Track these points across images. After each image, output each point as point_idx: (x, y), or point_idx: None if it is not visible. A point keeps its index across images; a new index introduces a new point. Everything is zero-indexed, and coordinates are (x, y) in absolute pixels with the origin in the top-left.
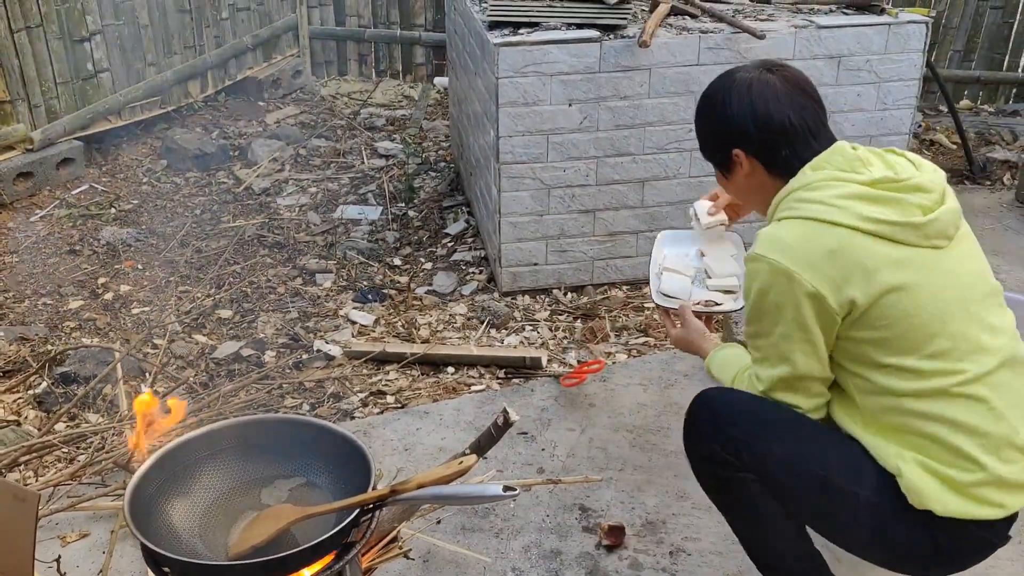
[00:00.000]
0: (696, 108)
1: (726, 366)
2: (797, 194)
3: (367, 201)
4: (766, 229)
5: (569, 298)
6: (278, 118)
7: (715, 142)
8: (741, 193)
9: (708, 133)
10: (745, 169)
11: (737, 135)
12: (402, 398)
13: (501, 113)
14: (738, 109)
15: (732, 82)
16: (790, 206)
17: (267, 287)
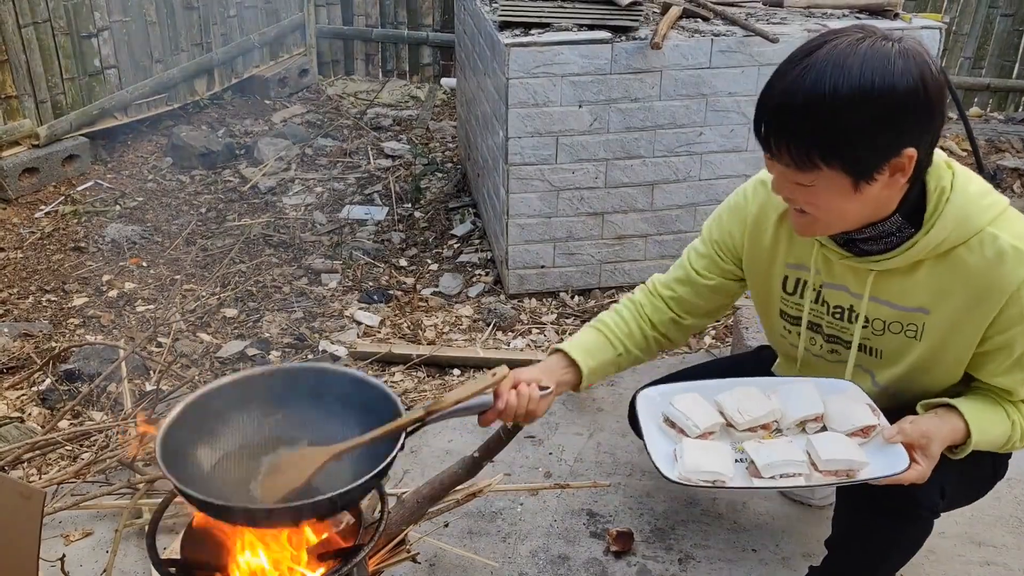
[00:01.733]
0: (855, 83)
1: (990, 424)
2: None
3: (373, 201)
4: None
5: (576, 301)
6: (284, 117)
7: (881, 137)
8: (856, 212)
9: (868, 123)
10: (904, 178)
11: (925, 125)
12: (408, 399)
13: (511, 114)
14: (934, 88)
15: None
16: (983, 207)
17: (272, 286)
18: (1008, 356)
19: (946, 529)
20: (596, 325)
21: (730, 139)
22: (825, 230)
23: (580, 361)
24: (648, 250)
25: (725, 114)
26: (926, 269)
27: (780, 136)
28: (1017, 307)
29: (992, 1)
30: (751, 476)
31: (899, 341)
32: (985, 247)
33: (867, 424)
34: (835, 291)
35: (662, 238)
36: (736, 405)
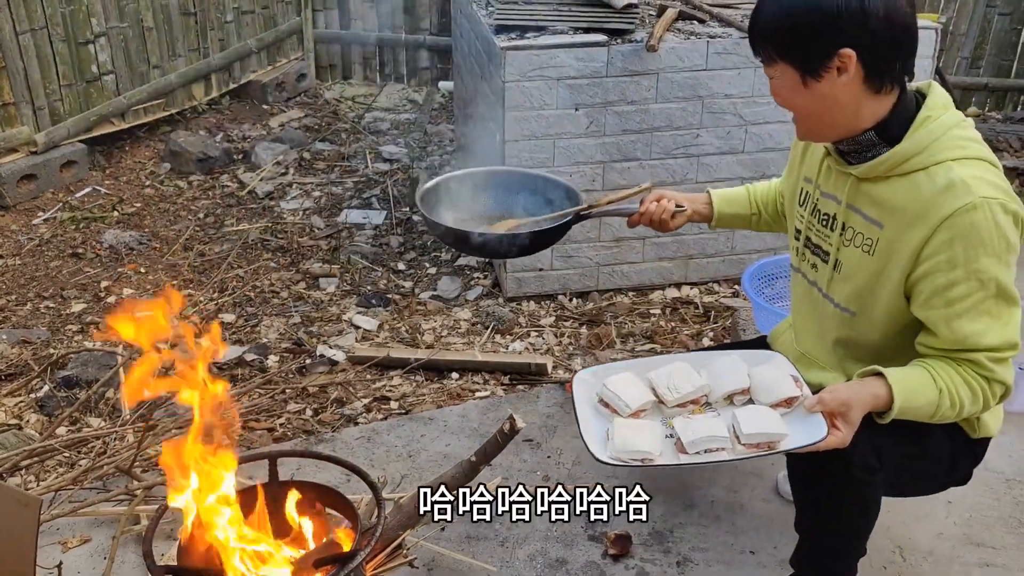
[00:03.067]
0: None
1: (917, 390)
2: (955, 132)
3: (371, 205)
4: (959, 172)
5: (574, 304)
6: (282, 121)
7: (820, 34)
8: (818, 108)
9: (813, 22)
10: (848, 75)
11: (857, 30)
12: (406, 404)
13: (507, 117)
14: (872, 2)
15: None
16: (958, 145)
17: (270, 291)
18: (933, 285)
19: (945, 530)
20: (749, 184)
21: (727, 141)
22: (808, 133)
23: (716, 203)
24: (646, 252)
25: (721, 116)
26: (893, 184)
27: (755, 34)
28: (947, 234)
29: (990, 0)
30: (678, 452)
31: (858, 256)
32: (939, 175)
33: (790, 395)
34: (827, 200)
35: (660, 240)
36: (667, 382)
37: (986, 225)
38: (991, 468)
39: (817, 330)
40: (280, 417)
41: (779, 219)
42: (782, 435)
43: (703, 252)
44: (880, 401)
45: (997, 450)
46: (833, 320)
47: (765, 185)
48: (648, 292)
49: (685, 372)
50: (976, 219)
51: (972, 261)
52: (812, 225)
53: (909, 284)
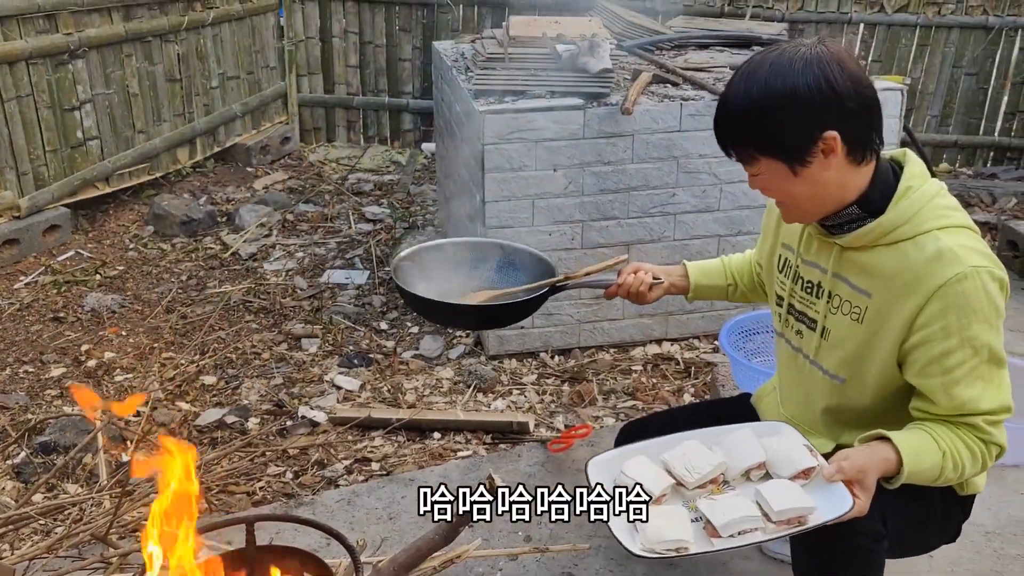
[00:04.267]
0: (762, 89)
1: (922, 455)
2: (937, 202)
3: (354, 265)
4: (946, 242)
5: (556, 361)
6: (266, 184)
7: (800, 122)
8: (809, 192)
9: (792, 112)
10: (837, 157)
11: (837, 112)
12: (387, 465)
13: (487, 178)
14: (841, 81)
15: (811, 54)
16: (941, 215)
17: (252, 353)
18: (928, 354)
19: None
20: (724, 257)
21: (703, 199)
22: (799, 216)
23: (692, 275)
24: (626, 309)
25: (696, 175)
26: (877, 255)
27: (726, 137)
28: (939, 304)
29: (956, 61)
30: (709, 536)
31: (846, 323)
32: (928, 245)
33: (807, 466)
34: (809, 268)
35: None
36: (684, 463)
37: (976, 294)
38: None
39: (803, 396)
40: (260, 480)
41: (756, 289)
42: (811, 508)
43: (683, 308)
44: (890, 465)
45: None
46: (822, 387)
47: (740, 256)
48: (629, 348)
49: (700, 451)
50: (967, 288)
51: (966, 329)
52: (795, 293)
53: (903, 352)
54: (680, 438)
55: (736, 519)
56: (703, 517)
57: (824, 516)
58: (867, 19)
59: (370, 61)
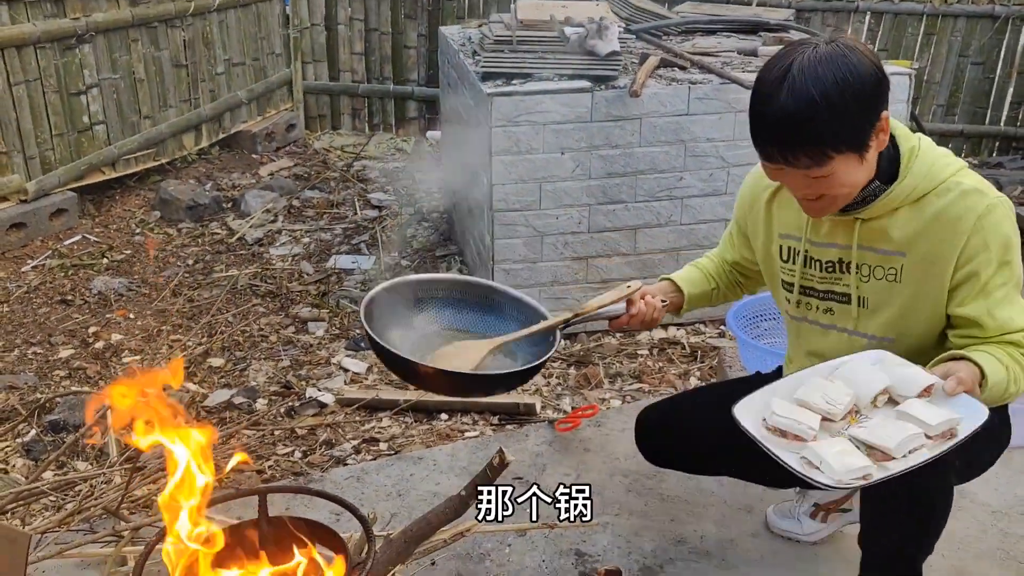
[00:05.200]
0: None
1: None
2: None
3: (360, 251)
4: (966, 183)
5: (563, 345)
6: (272, 170)
7: (869, 110)
8: (862, 178)
9: (862, 103)
10: (887, 131)
11: (885, 92)
12: (395, 445)
13: (494, 161)
14: (879, 62)
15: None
16: (947, 163)
17: (259, 335)
18: (975, 284)
19: (933, 562)
20: (693, 264)
21: (709, 183)
22: (841, 205)
23: (684, 287)
24: None
25: (704, 159)
26: (902, 215)
27: (794, 146)
28: (980, 235)
29: (963, 50)
30: (879, 461)
31: (883, 286)
32: (951, 191)
33: (929, 383)
34: (824, 248)
35: (646, 281)
36: (823, 398)
37: (1007, 220)
38: (977, 501)
39: None
40: (268, 460)
41: (734, 288)
42: (959, 419)
43: None
44: (978, 379)
45: (985, 484)
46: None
47: (707, 260)
48: (635, 333)
49: (829, 386)
50: (999, 216)
51: (1003, 255)
52: (810, 275)
53: (952, 288)
54: (799, 379)
55: (904, 439)
56: (862, 445)
57: (971, 425)
58: (874, 7)
59: (375, 48)
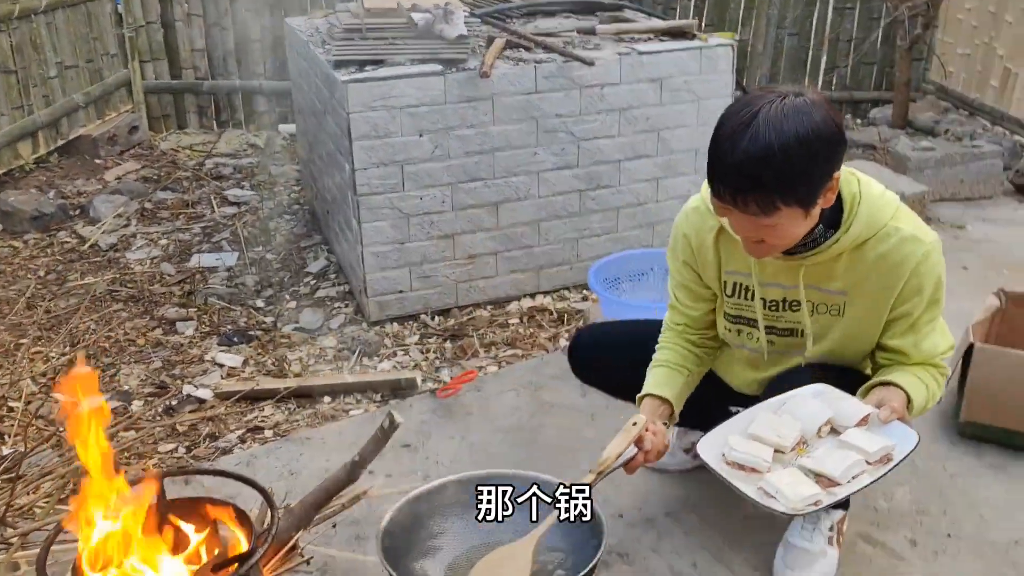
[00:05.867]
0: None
1: (917, 391)
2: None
3: (222, 248)
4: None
5: (437, 321)
6: (118, 174)
7: (825, 167)
8: (803, 231)
9: (820, 160)
10: (835, 191)
11: (842, 152)
12: (280, 431)
13: (355, 147)
14: (837, 123)
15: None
16: (883, 206)
17: (126, 340)
18: (907, 321)
19: None
20: (654, 365)
21: (562, 157)
22: (780, 251)
23: (668, 396)
24: (499, 267)
25: (554, 134)
26: (844, 259)
27: (746, 193)
28: (916, 280)
29: (780, 22)
30: (825, 488)
31: (825, 319)
32: (891, 237)
33: (865, 414)
34: (769, 288)
35: (511, 254)
36: (774, 432)
37: (939, 263)
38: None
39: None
40: (152, 458)
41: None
42: (893, 445)
43: (552, 262)
44: (905, 403)
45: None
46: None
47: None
48: (505, 304)
49: (779, 420)
50: (933, 261)
51: (934, 294)
52: (755, 310)
53: (886, 322)
54: (750, 415)
55: (847, 467)
56: (811, 473)
57: (904, 450)
58: None
59: (218, 44)
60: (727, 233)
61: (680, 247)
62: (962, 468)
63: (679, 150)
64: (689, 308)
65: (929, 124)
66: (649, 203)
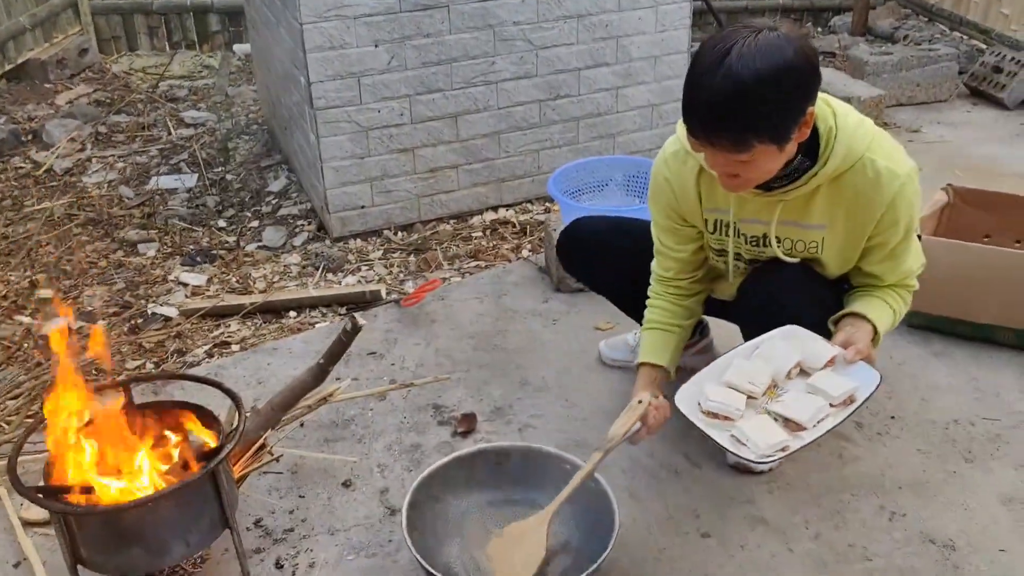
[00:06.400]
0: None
1: (884, 318)
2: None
3: (181, 170)
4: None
5: (400, 236)
6: (70, 98)
7: (797, 103)
8: (778, 165)
9: (794, 95)
10: (810, 125)
11: (816, 86)
12: (247, 345)
13: (309, 59)
14: (814, 56)
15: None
16: (862, 137)
17: (87, 263)
18: (884, 250)
19: None
20: (648, 326)
21: (520, 66)
22: (755, 185)
23: (662, 362)
24: (460, 180)
25: (512, 43)
26: (822, 193)
27: (719, 129)
28: (891, 213)
29: None
30: (793, 432)
31: (805, 256)
32: (867, 170)
33: (831, 355)
34: (750, 224)
35: (472, 167)
36: (746, 379)
37: (914, 193)
38: None
39: None
40: (120, 375)
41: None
42: (856, 387)
43: (513, 175)
44: (871, 334)
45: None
46: None
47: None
48: (468, 217)
49: (750, 366)
50: (908, 195)
51: (909, 224)
52: (740, 246)
53: (863, 250)
54: (724, 363)
55: (813, 411)
56: (780, 418)
57: (866, 391)
58: None
59: None
60: (707, 172)
61: (661, 193)
62: (909, 356)
63: (638, 57)
64: (677, 251)
65: (888, 31)
66: (609, 114)
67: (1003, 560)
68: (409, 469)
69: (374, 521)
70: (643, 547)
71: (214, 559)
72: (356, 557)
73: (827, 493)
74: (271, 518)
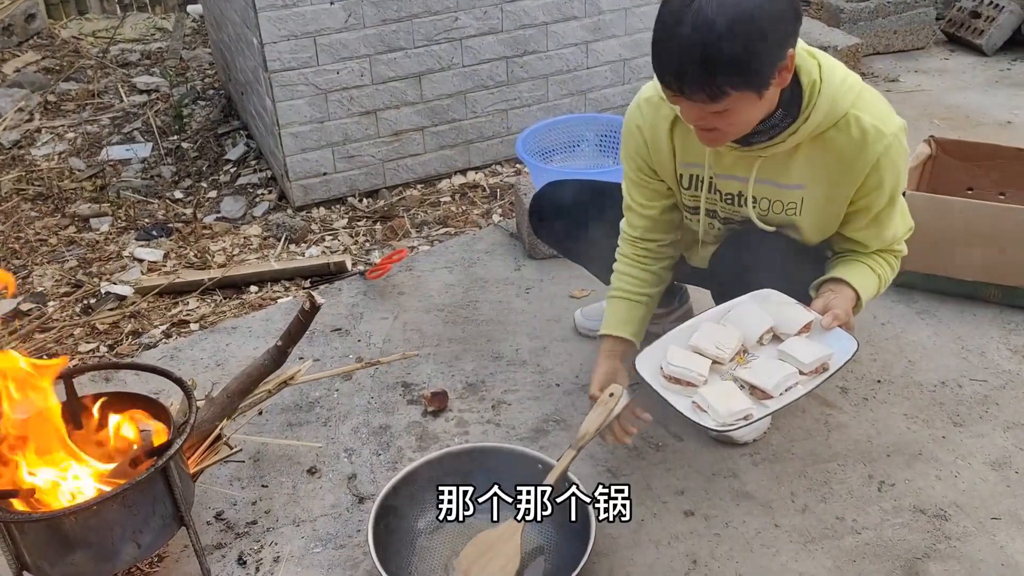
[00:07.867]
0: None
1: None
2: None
3: (134, 139)
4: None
5: (365, 203)
6: (16, 66)
7: (776, 49)
8: (759, 113)
9: (770, 41)
10: (791, 70)
11: (795, 31)
12: (207, 323)
13: (261, 18)
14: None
15: None
16: (846, 92)
17: (37, 240)
18: (867, 215)
19: None
20: (613, 294)
21: (485, 21)
22: (734, 138)
23: (626, 334)
24: (426, 143)
25: None
26: (803, 151)
27: (692, 80)
28: (876, 176)
29: None
30: (760, 400)
31: (783, 219)
32: (851, 127)
33: (807, 321)
34: (726, 180)
35: (438, 129)
36: (713, 343)
37: (900, 154)
38: None
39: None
40: (73, 359)
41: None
42: (830, 354)
43: (481, 136)
44: (853, 301)
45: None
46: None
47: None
48: (436, 182)
49: (719, 330)
50: (894, 156)
51: (895, 188)
52: (715, 202)
53: (846, 214)
54: (694, 325)
55: (780, 379)
56: (746, 385)
57: (841, 359)
58: None
59: None
60: (683, 123)
61: (632, 142)
62: (892, 316)
63: (608, 10)
64: (645, 208)
65: None
66: (579, 70)
67: (996, 528)
68: (378, 453)
69: (341, 510)
70: (622, 529)
71: (172, 556)
72: (323, 549)
73: (813, 463)
74: (233, 510)
